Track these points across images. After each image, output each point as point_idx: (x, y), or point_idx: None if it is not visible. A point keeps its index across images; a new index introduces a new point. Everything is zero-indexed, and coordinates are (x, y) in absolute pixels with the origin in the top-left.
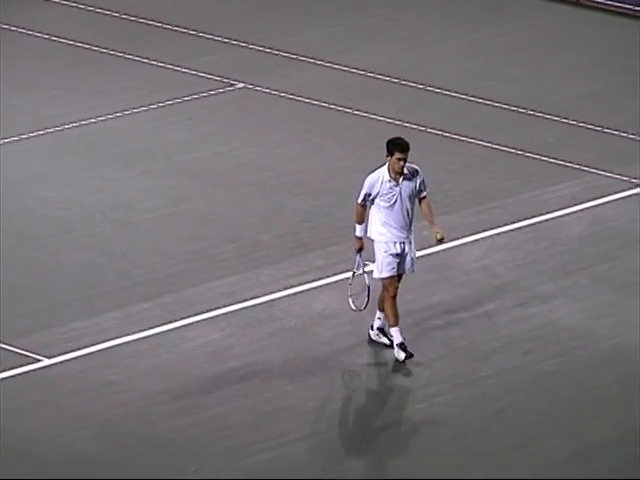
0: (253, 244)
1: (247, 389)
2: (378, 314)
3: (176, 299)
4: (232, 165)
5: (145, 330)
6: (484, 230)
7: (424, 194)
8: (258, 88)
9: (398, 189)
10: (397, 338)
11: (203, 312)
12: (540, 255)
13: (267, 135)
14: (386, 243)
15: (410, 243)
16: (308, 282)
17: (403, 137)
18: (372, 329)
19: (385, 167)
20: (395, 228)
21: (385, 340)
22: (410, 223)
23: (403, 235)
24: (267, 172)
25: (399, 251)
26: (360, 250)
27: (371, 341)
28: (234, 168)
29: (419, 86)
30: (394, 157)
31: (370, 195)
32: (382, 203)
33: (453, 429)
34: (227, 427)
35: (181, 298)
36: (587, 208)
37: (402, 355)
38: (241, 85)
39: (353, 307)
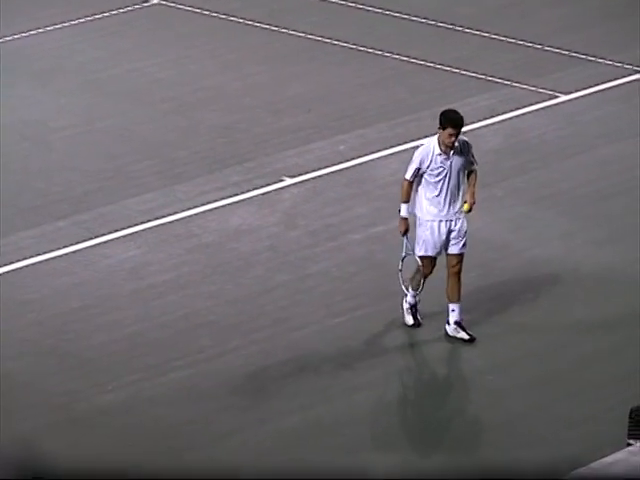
0: (170, 161)
1: (164, 306)
2: (452, 306)
3: (93, 217)
4: (148, 82)
5: (62, 248)
6: (400, 144)
7: (474, 167)
8: (173, 4)
9: (449, 163)
10: (412, 301)
11: (120, 229)
12: None
13: (183, 51)
14: (432, 222)
15: (459, 220)
16: (225, 198)
17: (458, 111)
18: (448, 324)
19: (435, 139)
20: (444, 204)
21: (464, 335)
22: (460, 199)
23: (452, 212)
24: (183, 88)
25: (445, 230)
26: (406, 232)
27: (447, 336)
28: (150, 85)
29: (333, 0)
30: (446, 131)
31: (420, 169)
32: (431, 178)
33: (371, 343)
34: (145, 344)
35: (98, 216)
36: (503, 120)
37: (410, 320)
38: (156, 1)
39: (409, 292)
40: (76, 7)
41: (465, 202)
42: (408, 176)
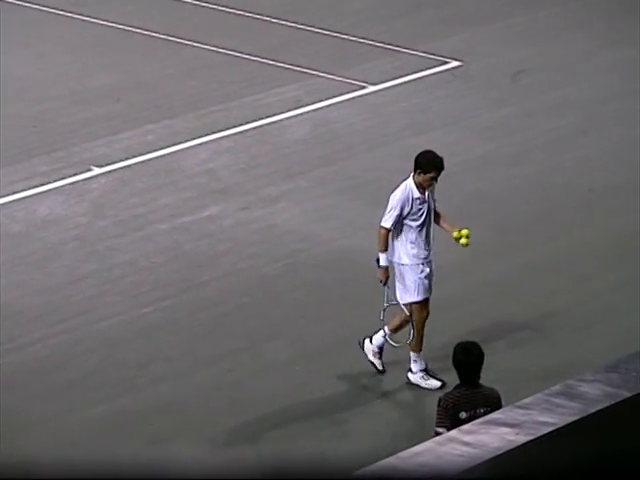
0: None
1: None
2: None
3: None
4: None
5: None
6: (208, 134)
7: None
8: None
9: (426, 204)
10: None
11: None
12: (264, 158)
13: None
14: (421, 265)
15: (432, 261)
16: (32, 187)
17: (435, 152)
18: (412, 372)
19: (410, 182)
20: (425, 246)
21: (435, 383)
22: (433, 238)
23: (430, 253)
24: None
25: (428, 271)
26: (387, 281)
27: (409, 383)
28: None
29: None
30: (428, 175)
31: (401, 216)
32: (412, 223)
33: (178, 333)
34: None
35: None
36: (311, 111)
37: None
38: None
39: (396, 344)
40: None
41: (461, 236)
42: (389, 225)
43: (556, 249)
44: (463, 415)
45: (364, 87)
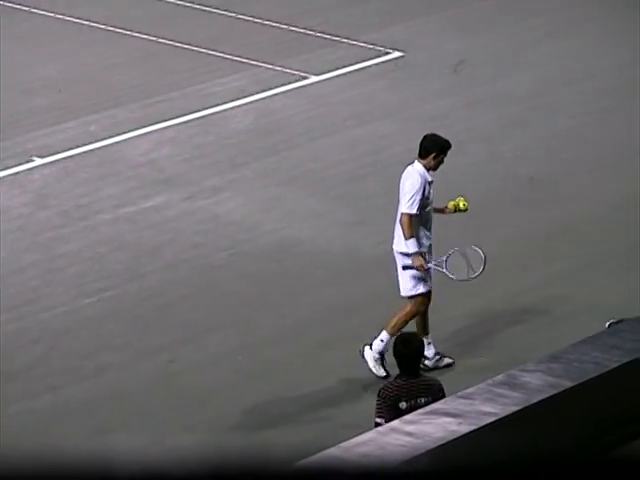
0: None
1: None
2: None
3: None
4: None
5: None
6: (151, 124)
7: None
8: None
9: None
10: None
11: None
12: (207, 149)
13: None
14: (427, 254)
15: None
16: None
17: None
18: (371, 348)
19: (420, 167)
20: (429, 232)
21: (381, 371)
22: None
23: (432, 240)
24: None
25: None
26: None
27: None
28: None
29: None
30: (440, 157)
31: (422, 199)
32: (424, 208)
33: (122, 324)
34: None
35: None
36: (254, 101)
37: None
38: None
39: (472, 274)
40: None
41: (459, 202)
42: (415, 210)
43: (496, 239)
44: (403, 405)
45: (306, 77)
